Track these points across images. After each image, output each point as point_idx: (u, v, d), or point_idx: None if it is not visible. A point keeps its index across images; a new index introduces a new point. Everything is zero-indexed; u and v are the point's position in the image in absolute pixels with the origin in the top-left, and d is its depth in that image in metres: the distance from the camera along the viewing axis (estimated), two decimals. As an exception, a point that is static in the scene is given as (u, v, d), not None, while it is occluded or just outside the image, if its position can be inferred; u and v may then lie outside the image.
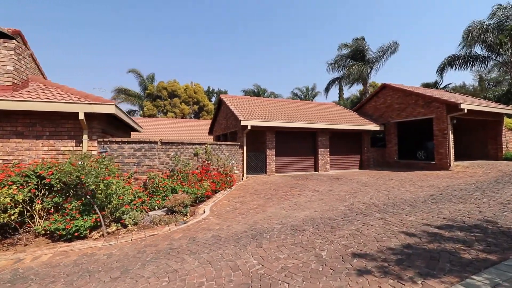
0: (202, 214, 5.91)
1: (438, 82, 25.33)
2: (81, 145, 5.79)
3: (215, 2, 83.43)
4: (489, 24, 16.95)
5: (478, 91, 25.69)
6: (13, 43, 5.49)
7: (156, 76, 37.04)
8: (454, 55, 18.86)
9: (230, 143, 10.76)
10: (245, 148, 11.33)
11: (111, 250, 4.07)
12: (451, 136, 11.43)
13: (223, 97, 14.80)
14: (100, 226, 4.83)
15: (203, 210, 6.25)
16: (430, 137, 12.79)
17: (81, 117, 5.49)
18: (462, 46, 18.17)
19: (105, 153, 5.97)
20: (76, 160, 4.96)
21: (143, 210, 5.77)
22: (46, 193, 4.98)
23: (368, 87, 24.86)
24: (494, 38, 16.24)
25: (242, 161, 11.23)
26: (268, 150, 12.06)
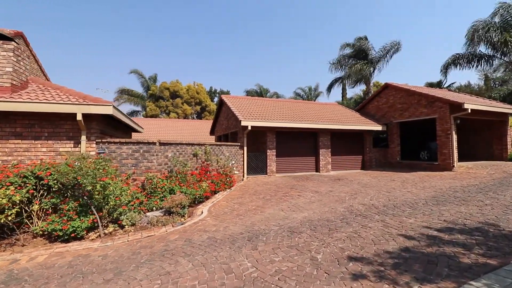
0: (200, 215, 5.88)
1: (442, 82, 25.02)
2: (79, 146, 5.81)
3: (216, 2, 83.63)
4: (493, 22, 16.64)
5: (483, 91, 25.22)
6: (12, 45, 5.53)
7: (158, 76, 37.25)
8: (458, 54, 18.55)
9: (230, 144, 10.74)
10: (245, 148, 11.28)
11: (107, 251, 4.07)
12: (455, 136, 11.25)
13: (224, 97, 14.77)
14: (97, 227, 4.83)
15: (201, 211, 6.23)
16: (433, 137, 12.61)
17: (79, 118, 5.50)
18: (466, 45, 17.90)
19: (103, 154, 5.97)
20: (73, 161, 4.99)
21: (141, 211, 5.77)
22: (45, 193, 5.01)
23: (371, 87, 24.61)
24: (499, 37, 15.94)
25: (243, 161, 11.19)
26: (268, 151, 12.00)
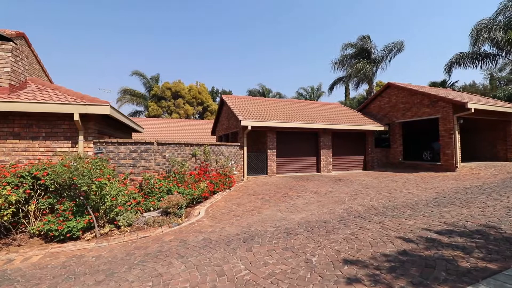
0: (197, 216, 5.84)
1: (446, 81, 24.70)
2: (77, 146, 5.81)
3: (217, 1, 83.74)
4: (497, 21, 16.36)
5: (488, 90, 24.82)
6: (10, 45, 5.55)
7: (161, 76, 37.43)
8: (461, 53, 18.30)
9: (230, 144, 10.69)
10: (245, 148, 11.22)
11: (101, 252, 4.04)
12: (458, 136, 11.07)
13: (225, 97, 14.74)
14: (94, 227, 4.82)
15: (199, 211, 6.19)
16: (436, 137, 12.42)
17: (76, 118, 5.50)
18: (471, 44, 17.62)
19: (100, 154, 5.97)
20: (70, 161, 4.98)
21: (138, 211, 5.75)
22: (42, 193, 5.00)
23: (374, 87, 24.38)
24: (503, 36, 15.66)
25: (243, 161, 11.14)
26: (269, 151, 11.93)
